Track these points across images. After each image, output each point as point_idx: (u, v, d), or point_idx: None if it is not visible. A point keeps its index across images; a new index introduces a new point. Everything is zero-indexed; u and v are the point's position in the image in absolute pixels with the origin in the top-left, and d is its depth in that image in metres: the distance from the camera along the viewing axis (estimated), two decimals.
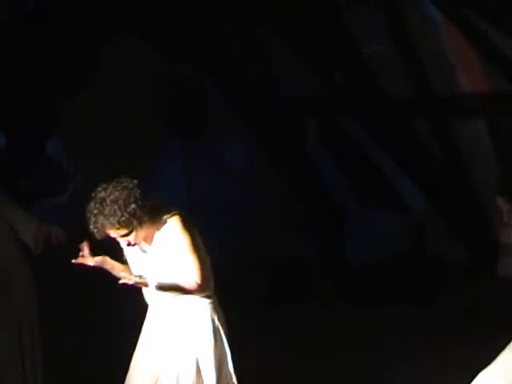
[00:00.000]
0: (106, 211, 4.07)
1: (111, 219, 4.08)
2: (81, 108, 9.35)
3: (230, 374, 4.44)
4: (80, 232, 4.36)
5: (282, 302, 8.14)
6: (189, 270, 4.20)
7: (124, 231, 4.14)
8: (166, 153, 10.32)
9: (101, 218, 4.08)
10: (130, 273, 4.35)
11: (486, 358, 4.30)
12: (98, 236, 4.15)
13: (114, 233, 4.16)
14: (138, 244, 4.24)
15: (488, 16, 8.10)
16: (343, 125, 10.12)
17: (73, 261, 4.31)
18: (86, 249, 4.30)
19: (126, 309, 4.90)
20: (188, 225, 4.25)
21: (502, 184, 4.29)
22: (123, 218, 4.08)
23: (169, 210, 4.28)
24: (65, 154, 9.54)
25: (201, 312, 4.35)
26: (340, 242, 10.11)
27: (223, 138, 10.35)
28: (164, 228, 4.23)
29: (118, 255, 4.41)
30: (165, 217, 4.26)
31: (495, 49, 8.25)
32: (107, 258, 4.33)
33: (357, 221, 10.18)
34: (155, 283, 4.13)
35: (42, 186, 6.58)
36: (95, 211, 4.09)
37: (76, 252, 4.32)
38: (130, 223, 4.11)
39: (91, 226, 4.13)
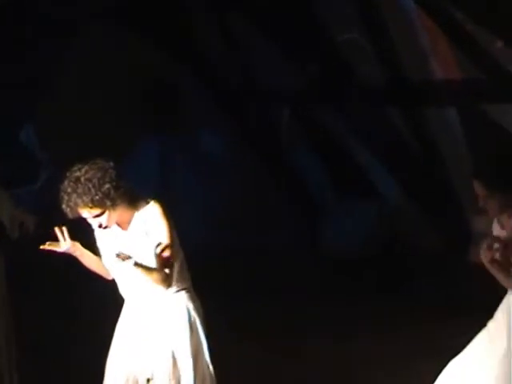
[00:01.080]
0: (80, 190, 4.06)
1: (84, 198, 4.07)
2: (54, 96, 9.23)
3: (207, 364, 4.43)
4: (51, 220, 4.38)
5: (257, 292, 8.02)
6: (165, 257, 4.18)
7: (97, 211, 4.13)
8: (140, 142, 10.24)
9: (74, 196, 4.07)
10: (101, 262, 4.36)
11: (460, 347, 4.37)
12: (70, 215, 4.14)
13: (86, 213, 4.14)
14: (109, 226, 4.23)
15: (460, 4, 8.07)
16: (317, 114, 10.08)
17: (41, 246, 4.32)
18: (64, 233, 4.30)
19: (103, 299, 4.77)
20: (167, 214, 4.23)
21: (479, 168, 4.21)
22: (97, 197, 4.07)
23: (145, 197, 4.27)
24: (37, 142, 9.46)
25: (176, 303, 4.36)
26: (315, 230, 10.09)
27: (198, 127, 10.27)
28: (144, 213, 4.22)
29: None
30: (143, 202, 4.24)
31: (467, 37, 8.24)
32: (78, 244, 4.35)
33: (331, 209, 10.22)
34: (133, 261, 4.07)
35: (14, 174, 6.51)
36: (69, 189, 4.09)
37: (47, 239, 4.32)
38: (103, 203, 4.10)
39: (64, 205, 4.12)
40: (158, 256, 4.12)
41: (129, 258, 4.08)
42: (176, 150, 10.33)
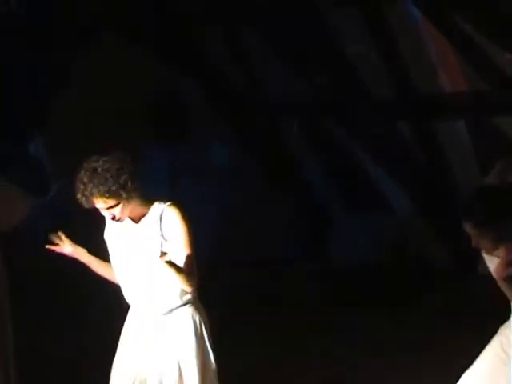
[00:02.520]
0: (97, 180, 4.01)
1: (101, 188, 4.02)
2: (66, 108, 9.23)
3: (214, 375, 4.35)
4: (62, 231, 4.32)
5: (267, 303, 7.96)
6: (186, 263, 4.12)
7: (112, 202, 4.07)
8: (150, 154, 10.21)
9: (90, 186, 4.01)
10: (108, 267, 4.34)
11: (472, 359, 4.28)
12: (85, 205, 4.08)
13: (101, 203, 4.07)
14: (122, 219, 4.16)
15: (469, 17, 8.06)
16: (326, 126, 10.04)
17: (47, 246, 4.30)
18: (64, 237, 4.29)
19: (107, 307, 4.69)
20: (186, 218, 4.16)
21: (467, 208, 4.14)
22: (114, 188, 4.02)
23: (160, 198, 4.23)
24: (49, 154, 9.46)
25: (182, 312, 4.28)
26: (325, 242, 10.04)
27: (207, 139, 10.23)
28: (158, 212, 4.17)
29: None
30: (158, 202, 4.18)
31: (476, 49, 8.27)
32: (81, 249, 4.34)
33: (341, 221, 10.17)
34: (166, 258, 3.99)
35: (26, 187, 6.52)
36: (85, 179, 4.03)
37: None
38: (119, 195, 4.05)
39: (79, 195, 4.06)
40: (166, 264, 4.02)
41: (165, 254, 3.99)
42: (185, 162, 10.28)
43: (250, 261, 9.18)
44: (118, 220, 4.13)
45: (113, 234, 4.27)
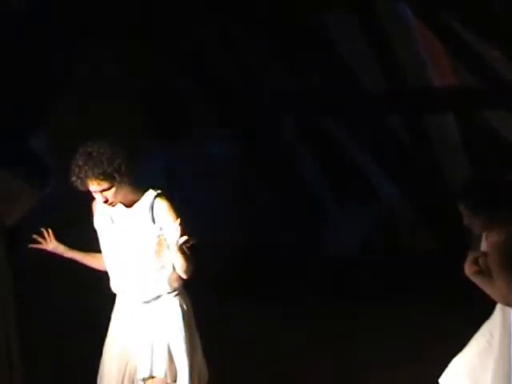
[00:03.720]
0: (92, 163, 4.07)
1: (96, 170, 4.07)
2: (65, 106, 9.22)
3: (202, 360, 4.42)
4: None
5: (258, 290, 7.97)
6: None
7: (105, 185, 4.11)
8: (148, 153, 10.20)
9: (85, 169, 4.07)
10: (96, 259, 4.43)
11: (461, 345, 4.36)
12: (79, 187, 4.14)
13: (95, 185, 4.11)
14: (114, 203, 4.21)
15: (458, 16, 8.07)
16: (320, 122, 10.05)
17: (30, 245, 4.39)
18: (50, 234, 4.36)
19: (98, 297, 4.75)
20: (175, 208, 4.23)
21: (464, 191, 4.30)
22: (108, 170, 4.07)
23: (151, 186, 4.31)
24: (48, 150, 9.48)
25: (171, 299, 4.32)
26: (319, 231, 10.03)
27: (205, 137, 10.22)
28: (149, 200, 4.23)
29: None
30: (150, 190, 4.25)
31: (464, 46, 8.29)
32: (61, 246, 4.42)
33: (334, 212, 10.12)
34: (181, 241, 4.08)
35: (29, 181, 6.53)
36: (80, 162, 4.09)
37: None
38: (113, 178, 4.10)
39: (74, 177, 4.13)
40: (180, 247, 4.10)
41: (182, 238, 4.07)
42: (183, 160, 10.27)
43: (252, 248, 9.16)
44: (111, 204, 4.18)
45: (103, 221, 4.31)
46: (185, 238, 4.05)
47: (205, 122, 10.15)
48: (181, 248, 4.08)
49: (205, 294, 4.54)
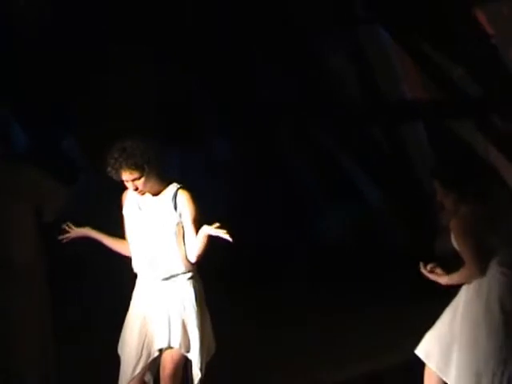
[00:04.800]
0: (126, 155, 4.12)
1: (129, 161, 4.11)
2: (91, 113, 9.16)
3: (211, 333, 4.40)
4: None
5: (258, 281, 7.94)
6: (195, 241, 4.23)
7: (136, 175, 4.14)
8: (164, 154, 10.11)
9: (120, 160, 4.11)
10: (118, 241, 4.43)
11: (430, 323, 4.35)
12: (114, 177, 4.17)
13: (128, 175, 4.14)
14: (143, 192, 4.22)
15: (428, 38, 8.07)
16: (310, 128, 10.01)
17: (62, 238, 4.42)
18: (70, 226, 4.41)
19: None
20: (195, 201, 4.26)
21: (438, 171, 4.29)
22: (139, 162, 4.11)
23: (174, 181, 4.32)
24: (77, 150, 9.45)
25: (186, 280, 4.30)
26: (307, 225, 9.94)
27: (209, 137, 10.17)
28: (172, 192, 4.24)
29: None
30: (174, 184, 4.26)
31: (433, 65, 8.30)
32: (87, 229, 4.42)
33: (322, 208, 10.06)
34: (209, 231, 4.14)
35: (58, 177, 6.46)
36: (116, 155, 4.14)
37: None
38: (143, 169, 4.13)
39: (109, 168, 4.15)
40: (206, 236, 4.13)
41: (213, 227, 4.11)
42: (193, 160, 10.21)
43: (248, 238, 9.13)
44: (140, 192, 4.19)
45: (132, 208, 4.31)
46: (215, 230, 4.09)
47: (210, 126, 10.13)
48: (206, 236, 4.12)
49: (210, 280, 4.49)
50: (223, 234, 4.06)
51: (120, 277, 4.62)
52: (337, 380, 5.63)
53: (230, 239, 4.04)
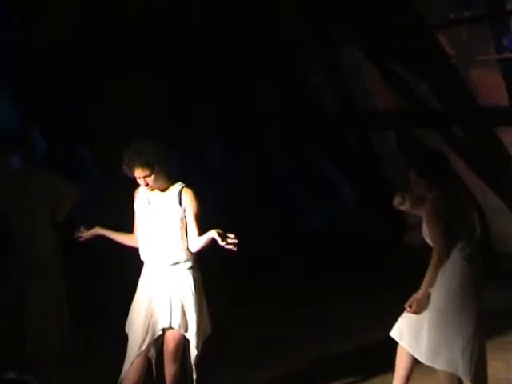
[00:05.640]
0: (139, 154, 4.13)
1: (142, 159, 4.11)
2: (102, 123, 9.15)
3: (207, 316, 4.41)
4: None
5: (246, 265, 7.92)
6: (196, 234, 4.19)
7: (147, 172, 4.14)
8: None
9: (133, 159, 4.13)
10: (124, 236, 4.43)
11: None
12: (128, 173, 4.17)
13: (140, 172, 4.15)
14: (153, 188, 4.23)
15: (396, 57, 8.11)
16: (295, 135, 10.01)
17: (78, 239, 4.44)
18: (81, 229, 4.42)
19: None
20: (198, 199, 4.24)
21: (412, 161, 4.37)
22: (151, 161, 4.12)
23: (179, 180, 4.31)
24: (90, 154, 9.45)
25: (186, 270, 4.31)
26: (294, 218, 10.01)
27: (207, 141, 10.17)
28: (178, 190, 4.24)
29: None
30: (179, 183, 4.26)
31: (400, 80, 8.26)
32: (98, 228, 4.41)
33: (304, 205, 10.11)
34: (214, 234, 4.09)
35: (73, 180, 6.45)
36: (131, 154, 4.16)
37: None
38: (153, 167, 4.14)
39: (124, 166, 4.15)
40: (210, 239, 4.10)
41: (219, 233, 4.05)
42: (191, 161, 10.19)
43: (246, 228, 9.06)
44: (150, 188, 4.22)
45: (143, 203, 4.34)
46: (221, 239, 4.02)
47: (208, 133, 10.13)
48: (210, 239, 4.10)
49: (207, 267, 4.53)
50: (227, 244, 3.99)
51: (127, 266, 4.64)
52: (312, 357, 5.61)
53: (234, 249, 3.98)
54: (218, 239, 4.02)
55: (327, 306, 6.75)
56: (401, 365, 4.25)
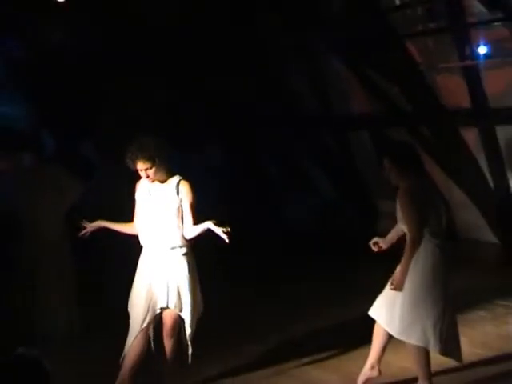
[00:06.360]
0: (141, 149, 4.11)
1: (144, 153, 4.09)
2: (107, 123, 9.11)
3: (200, 297, 4.42)
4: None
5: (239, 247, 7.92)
6: (191, 222, 4.18)
7: (148, 165, 4.12)
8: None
9: (137, 153, 4.11)
10: (125, 225, 4.39)
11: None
12: (130, 166, 4.14)
13: (141, 164, 4.12)
14: (153, 180, 4.20)
15: (371, 64, 8.13)
16: (280, 136, 9.99)
17: (80, 234, 4.39)
18: (84, 225, 4.38)
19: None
20: (194, 190, 4.23)
21: (387, 153, 4.37)
22: (152, 155, 4.10)
23: (177, 173, 4.27)
24: (94, 152, 9.42)
25: (181, 256, 4.31)
26: (276, 210, 10.06)
27: (202, 142, 10.16)
28: (176, 182, 4.22)
29: None
30: (177, 176, 4.23)
31: (374, 85, 8.27)
32: (100, 221, 4.38)
33: (287, 199, 10.13)
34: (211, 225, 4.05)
35: (79, 174, 6.43)
36: (134, 148, 4.14)
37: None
38: (154, 160, 4.11)
39: (127, 159, 4.13)
40: (206, 229, 4.07)
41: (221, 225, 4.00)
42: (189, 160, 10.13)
43: (235, 221, 9.00)
44: (150, 179, 4.20)
45: (144, 193, 4.34)
46: (217, 228, 3.99)
47: (205, 134, 10.12)
48: (206, 229, 4.10)
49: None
50: (222, 233, 3.95)
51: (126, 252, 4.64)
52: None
53: (227, 240, 3.93)
54: (215, 229, 4.00)
55: (308, 285, 6.80)
56: (377, 339, 4.28)
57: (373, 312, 4.29)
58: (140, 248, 4.36)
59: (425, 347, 4.14)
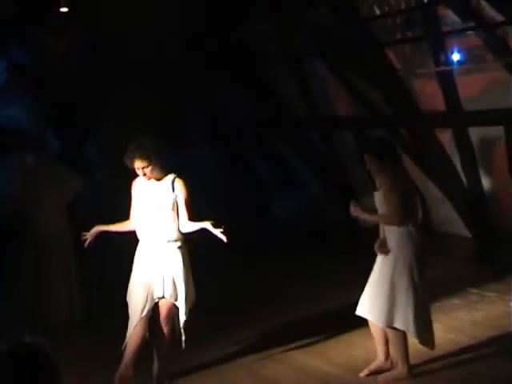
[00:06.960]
0: (139, 148, 4.09)
1: (142, 152, 4.07)
2: (108, 124, 9.06)
3: (193, 288, 4.39)
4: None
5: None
6: (186, 217, 4.16)
7: (145, 163, 4.10)
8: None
9: (134, 152, 4.09)
10: (121, 225, 4.37)
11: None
12: (128, 164, 4.11)
13: (139, 163, 4.09)
14: (150, 177, 4.17)
15: (355, 69, 8.11)
16: (268, 136, 9.99)
17: (85, 244, 4.32)
18: (86, 234, 4.34)
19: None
20: (188, 187, 4.20)
21: (367, 148, 4.39)
22: (149, 153, 4.08)
23: (171, 171, 4.24)
24: (98, 154, 9.37)
25: (176, 249, 4.28)
26: (267, 206, 10.00)
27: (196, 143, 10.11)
28: (171, 179, 4.20)
29: None
30: (172, 174, 4.19)
31: (357, 88, 8.22)
32: (99, 227, 4.35)
33: (276, 194, 10.07)
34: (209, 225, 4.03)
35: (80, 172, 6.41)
36: (132, 147, 4.12)
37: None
38: (151, 159, 4.09)
39: (126, 158, 4.10)
40: (202, 227, 4.05)
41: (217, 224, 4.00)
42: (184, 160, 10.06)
43: (228, 216, 8.94)
44: (147, 177, 4.18)
45: (141, 190, 4.31)
46: (214, 229, 3.97)
47: (195, 133, 10.07)
48: (202, 228, 4.08)
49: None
50: (220, 233, 3.94)
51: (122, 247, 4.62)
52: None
53: (225, 239, 3.93)
54: (213, 230, 3.98)
55: (293, 275, 6.82)
56: (376, 334, 4.28)
57: (359, 311, 4.27)
58: (136, 241, 4.32)
59: (404, 332, 4.15)
